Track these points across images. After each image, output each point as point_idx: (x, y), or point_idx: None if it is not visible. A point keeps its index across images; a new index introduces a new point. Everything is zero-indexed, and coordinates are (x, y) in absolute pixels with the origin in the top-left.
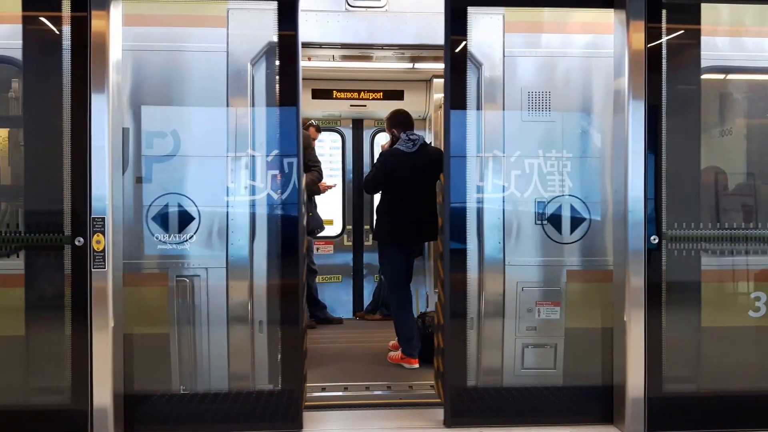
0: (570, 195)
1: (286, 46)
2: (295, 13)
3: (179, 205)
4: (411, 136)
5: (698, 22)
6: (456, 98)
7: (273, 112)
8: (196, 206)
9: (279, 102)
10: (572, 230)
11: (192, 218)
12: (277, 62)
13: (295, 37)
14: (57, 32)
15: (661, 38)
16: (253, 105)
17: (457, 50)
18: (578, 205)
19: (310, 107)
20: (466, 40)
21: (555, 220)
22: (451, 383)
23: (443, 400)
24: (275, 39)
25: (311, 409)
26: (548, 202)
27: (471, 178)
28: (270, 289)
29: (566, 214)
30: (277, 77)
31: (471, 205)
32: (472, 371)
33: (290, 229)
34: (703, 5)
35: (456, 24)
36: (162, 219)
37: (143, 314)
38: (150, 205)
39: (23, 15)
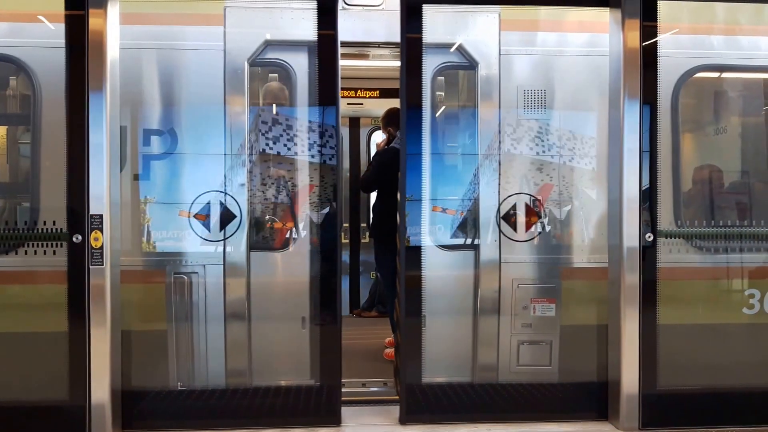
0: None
1: (326, 45)
2: (334, 13)
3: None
4: None
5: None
6: (411, 96)
7: (315, 112)
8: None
9: (319, 101)
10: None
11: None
12: (317, 61)
13: (334, 36)
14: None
15: (656, 37)
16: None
17: (412, 48)
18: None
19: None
20: (421, 37)
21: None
22: (406, 380)
23: (399, 398)
24: (269, 37)
25: None
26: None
27: (426, 174)
28: (312, 285)
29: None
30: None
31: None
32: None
33: (331, 226)
34: (698, 4)
35: (411, 22)
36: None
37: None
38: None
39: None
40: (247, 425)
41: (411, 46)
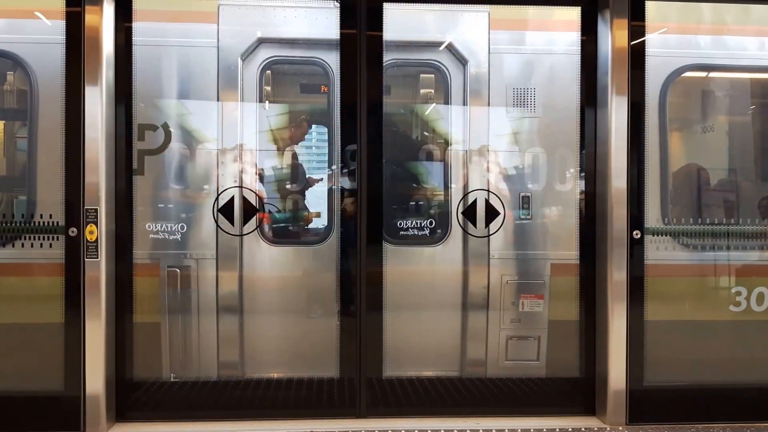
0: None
1: (348, 44)
2: (356, 14)
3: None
4: None
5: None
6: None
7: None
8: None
9: (341, 98)
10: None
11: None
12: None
13: (356, 35)
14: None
15: (644, 36)
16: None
17: (372, 45)
18: (494, 199)
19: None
20: (381, 34)
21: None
22: (367, 374)
23: (359, 391)
24: (260, 35)
25: None
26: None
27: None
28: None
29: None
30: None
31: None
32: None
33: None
34: (687, 4)
35: (371, 19)
36: None
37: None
38: None
39: None
40: None
41: (372, 43)
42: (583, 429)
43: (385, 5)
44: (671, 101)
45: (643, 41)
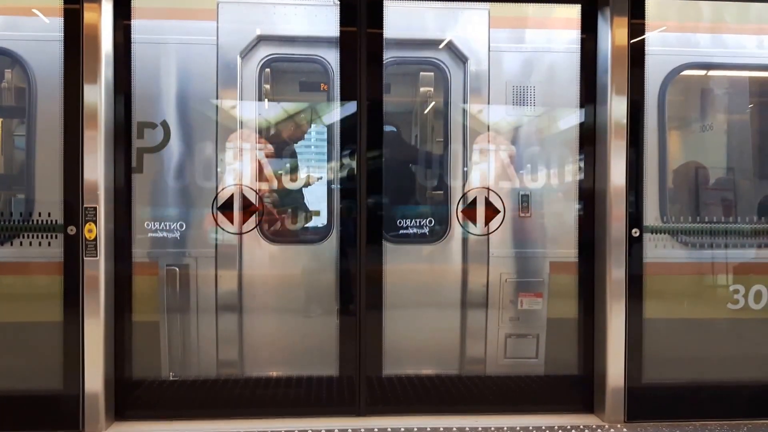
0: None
1: (348, 42)
2: (356, 11)
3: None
4: None
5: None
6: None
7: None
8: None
9: (341, 96)
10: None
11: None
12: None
13: (356, 33)
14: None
15: (644, 34)
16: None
17: (372, 43)
18: (494, 197)
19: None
20: (381, 31)
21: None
22: (366, 372)
23: (358, 389)
24: (259, 32)
25: None
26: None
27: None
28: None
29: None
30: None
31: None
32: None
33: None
34: (686, 3)
35: (371, 16)
36: None
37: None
38: None
39: None
40: None
41: (372, 40)
42: (581, 426)
43: (386, 2)
44: (670, 99)
45: (643, 39)
